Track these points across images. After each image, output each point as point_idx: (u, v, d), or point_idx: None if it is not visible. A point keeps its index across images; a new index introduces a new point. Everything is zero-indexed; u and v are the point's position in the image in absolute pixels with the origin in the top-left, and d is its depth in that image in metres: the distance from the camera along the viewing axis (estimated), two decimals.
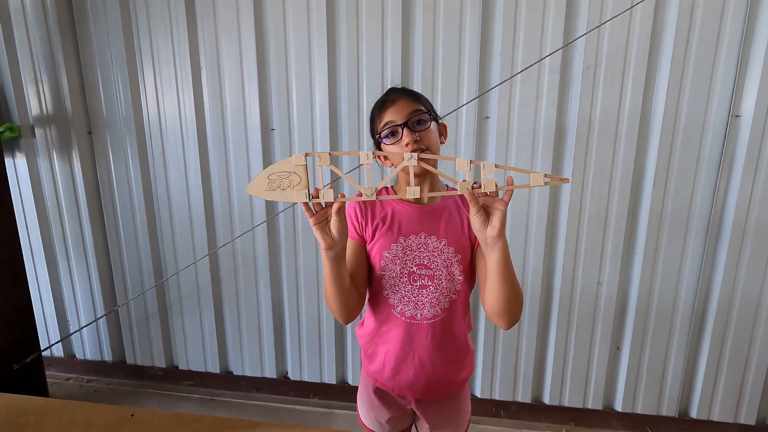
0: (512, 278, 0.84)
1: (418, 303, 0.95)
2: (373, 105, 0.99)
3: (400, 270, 0.94)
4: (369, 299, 1.02)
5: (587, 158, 1.68)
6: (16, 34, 1.95)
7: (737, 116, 1.58)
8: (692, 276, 1.72)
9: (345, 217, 0.82)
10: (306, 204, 0.79)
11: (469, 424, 1.12)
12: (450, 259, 0.95)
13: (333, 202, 0.79)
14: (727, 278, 1.68)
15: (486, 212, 0.78)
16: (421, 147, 0.89)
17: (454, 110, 1.68)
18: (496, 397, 1.95)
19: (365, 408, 1.11)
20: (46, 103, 2.01)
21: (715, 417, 1.82)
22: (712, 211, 1.65)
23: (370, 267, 0.99)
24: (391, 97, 0.94)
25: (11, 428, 0.74)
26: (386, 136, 0.92)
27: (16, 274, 1.88)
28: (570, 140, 1.68)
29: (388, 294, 0.97)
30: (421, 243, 0.95)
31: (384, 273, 0.95)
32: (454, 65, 1.67)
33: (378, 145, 0.97)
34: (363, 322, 1.08)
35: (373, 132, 0.98)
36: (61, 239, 2.17)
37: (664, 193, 1.66)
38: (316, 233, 0.81)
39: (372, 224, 0.96)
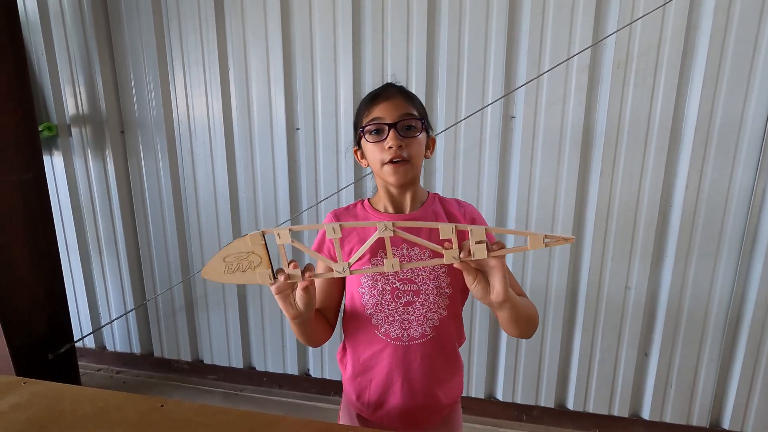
0: (526, 317, 0.79)
1: (404, 322, 0.86)
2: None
3: (382, 287, 0.86)
4: (350, 323, 0.93)
5: (616, 159, 1.64)
6: (54, 37, 2.04)
7: None
8: (727, 280, 1.66)
9: (314, 292, 0.75)
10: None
11: None
12: (436, 271, 0.86)
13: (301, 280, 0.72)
14: (764, 283, 1.61)
15: (483, 275, 0.70)
16: (401, 155, 0.81)
17: (480, 110, 1.66)
18: (519, 401, 1.92)
19: None
20: (81, 103, 2.08)
21: (749, 429, 1.74)
22: (749, 213, 1.59)
23: (345, 289, 0.93)
24: (385, 92, 0.86)
25: (49, 413, 0.78)
26: (369, 132, 0.84)
27: (52, 268, 1.95)
28: (598, 141, 1.64)
29: (371, 314, 0.88)
30: (403, 256, 0.86)
31: (365, 291, 0.87)
32: (480, 63, 1.66)
33: (358, 140, 0.90)
34: (343, 348, 0.97)
35: (357, 124, 0.89)
36: (94, 235, 2.25)
37: (697, 195, 1.61)
38: (280, 303, 0.74)
39: (349, 251, 0.87)
